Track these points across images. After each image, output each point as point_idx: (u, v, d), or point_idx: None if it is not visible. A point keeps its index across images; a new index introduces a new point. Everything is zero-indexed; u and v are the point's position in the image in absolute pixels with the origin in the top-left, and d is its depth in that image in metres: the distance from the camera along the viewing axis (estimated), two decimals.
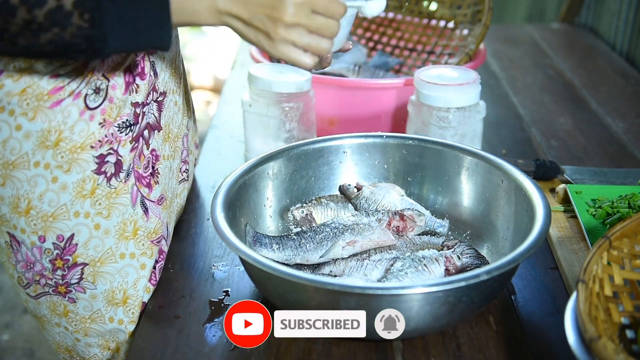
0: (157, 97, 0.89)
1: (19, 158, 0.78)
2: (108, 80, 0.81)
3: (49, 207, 0.80)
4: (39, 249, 0.82)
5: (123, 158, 0.84)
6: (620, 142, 1.30)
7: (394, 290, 0.73)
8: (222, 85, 2.05)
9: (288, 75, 1.12)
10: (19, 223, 0.81)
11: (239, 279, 0.92)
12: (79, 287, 0.85)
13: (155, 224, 0.90)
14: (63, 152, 0.79)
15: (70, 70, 0.77)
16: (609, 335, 0.66)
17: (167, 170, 0.93)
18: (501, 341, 0.81)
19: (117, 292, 0.86)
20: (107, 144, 0.82)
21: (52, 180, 0.80)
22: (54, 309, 0.86)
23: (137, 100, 0.84)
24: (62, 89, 0.77)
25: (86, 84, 0.79)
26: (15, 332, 2.19)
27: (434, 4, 1.47)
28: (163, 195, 0.92)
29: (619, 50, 1.78)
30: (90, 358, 0.90)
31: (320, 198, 1.01)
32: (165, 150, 0.93)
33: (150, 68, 0.86)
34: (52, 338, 0.90)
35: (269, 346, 0.80)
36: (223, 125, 1.40)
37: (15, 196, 0.79)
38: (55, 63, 0.76)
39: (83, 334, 0.87)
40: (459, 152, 0.98)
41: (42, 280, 0.84)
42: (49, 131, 0.78)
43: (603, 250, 0.72)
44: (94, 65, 0.79)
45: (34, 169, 0.79)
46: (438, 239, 0.93)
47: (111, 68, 0.80)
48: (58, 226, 0.81)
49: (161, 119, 0.91)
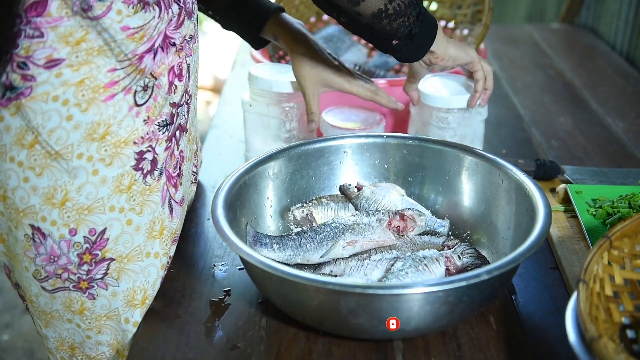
0: (187, 99, 0.91)
1: (63, 148, 0.79)
2: (155, 79, 0.82)
3: (86, 200, 0.81)
4: (68, 242, 0.82)
5: (158, 156, 0.85)
6: (620, 142, 1.30)
7: (395, 290, 0.73)
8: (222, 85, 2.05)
9: (288, 75, 1.12)
10: (51, 215, 0.80)
11: (240, 278, 0.93)
12: (102, 282, 0.85)
13: (177, 225, 0.91)
14: (107, 146, 0.80)
15: (126, 65, 0.79)
16: (609, 335, 0.66)
17: (187, 172, 0.94)
18: (501, 341, 0.81)
19: (138, 291, 0.86)
20: (147, 141, 0.83)
21: (93, 172, 0.80)
22: (70, 305, 0.86)
23: (174, 101, 0.86)
24: (117, 83, 0.79)
25: (137, 80, 0.80)
26: (15, 332, 2.19)
27: (434, 4, 1.47)
28: (184, 197, 0.93)
29: (619, 50, 1.78)
30: (96, 356, 0.89)
31: (320, 198, 1.01)
32: (187, 152, 0.94)
33: (187, 70, 0.88)
34: (56, 334, 0.89)
35: (269, 346, 0.81)
36: (223, 125, 1.40)
37: (52, 187, 0.80)
38: (114, 57, 0.77)
39: (96, 332, 0.87)
40: (460, 152, 0.98)
41: (64, 274, 0.84)
42: (98, 124, 0.79)
43: (603, 250, 0.72)
44: (146, 63, 0.80)
45: (77, 160, 0.79)
46: (438, 239, 0.93)
47: (158, 67, 0.82)
48: (92, 219, 0.82)
49: (188, 120, 0.92)
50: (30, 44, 0.75)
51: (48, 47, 0.75)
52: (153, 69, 0.82)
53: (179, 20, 0.85)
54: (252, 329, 0.84)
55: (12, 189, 0.80)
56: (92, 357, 0.89)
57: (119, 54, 0.78)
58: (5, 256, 0.87)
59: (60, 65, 0.76)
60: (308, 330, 0.82)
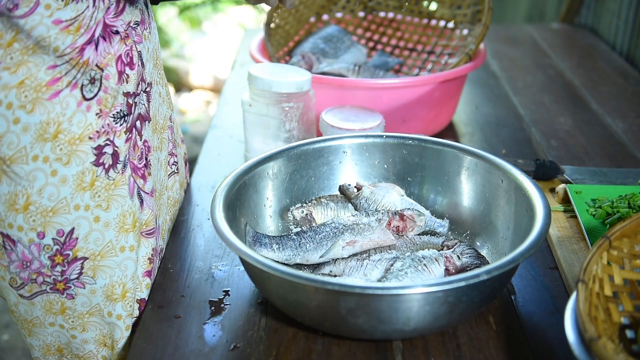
0: (145, 87, 0.89)
1: (16, 152, 0.77)
2: (102, 70, 0.80)
3: (48, 202, 0.80)
4: (37, 246, 0.81)
5: (119, 149, 0.84)
6: (620, 142, 1.30)
7: (394, 290, 0.73)
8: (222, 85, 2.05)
9: (288, 75, 1.12)
10: (16, 220, 0.80)
11: (239, 279, 0.93)
12: (79, 282, 0.84)
13: (148, 216, 0.89)
14: (62, 144, 0.79)
15: (67, 60, 0.77)
16: (608, 335, 0.66)
17: (156, 161, 0.93)
18: (501, 341, 0.81)
19: (116, 286, 0.86)
20: (104, 135, 0.81)
21: (52, 173, 0.79)
22: (50, 307, 0.85)
23: (128, 90, 0.84)
24: (59, 79, 0.77)
25: (82, 74, 0.79)
26: (15, 332, 2.19)
27: (434, 4, 1.47)
28: (155, 187, 0.92)
29: (619, 50, 1.78)
30: (84, 355, 0.89)
31: (320, 198, 1.01)
32: (154, 142, 0.92)
33: (138, 58, 0.86)
34: (40, 342, 0.88)
35: (269, 346, 0.81)
36: (223, 125, 1.40)
37: (12, 193, 0.79)
38: (52, 54, 0.76)
39: (81, 330, 0.87)
40: (459, 152, 0.98)
41: (39, 278, 0.83)
42: (47, 123, 0.77)
43: (603, 250, 0.72)
44: (88, 55, 0.79)
45: (33, 162, 0.78)
46: (438, 239, 0.93)
47: (104, 58, 0.80)
48: (58, 220, 0.81)
49: (150, 109, 0.91)
50: None
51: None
52: (98, 60, 0.80)
53: (119, 7, 0.82)
54: (251, 329, 0.84)
55: None
56: (80, 357, 0.89)
57: (57, 49, 0.76)
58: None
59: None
60: (307, 331, 0.83)
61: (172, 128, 1.03)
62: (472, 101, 1.49)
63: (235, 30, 4.19)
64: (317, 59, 1.34)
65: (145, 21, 0.90)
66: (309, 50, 1.39)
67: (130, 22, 0.85)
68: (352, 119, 1.13)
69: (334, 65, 1.34)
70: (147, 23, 0.90)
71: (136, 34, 0.86)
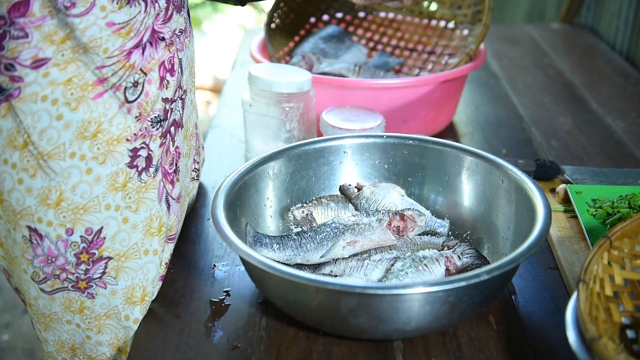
0: (181, 94, 0.91)
1: (55, 148, 0.78)
2: (145, 75, 0.82)
3: (81, 199, 0.81)
4: (65, 242, 0.82)
5: (153, 153, 0.85)
6: (620, 142, 1.30)
7: (395, 290, 0.73)
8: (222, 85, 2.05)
9: (288, 75, 1.12)
10: (46, 215, 0.80)
11: (240, 279, 0.93)
12: (101, 281, 0.84)
13: (173, 222, 0.90)
14: (100, 144, 0.80)
15: (114, 62, 0.79)
16: (609, 335, 0.66)
17: (184, 168, 0.94)
18: (502, 341, 0.81)
19: (137, 289, 0.86)
20: (140, 138, 0.83)
21: (87, 171, 0.80)
22: (69, 305, 0.86)
23: (167, 96, 0.86)
24: (105, 80, 0.78)
25: (127, 77, 0.80)
26: (15, 332, 2.19)
27: (434, 4, 1.47)
28: (181, 194, 0.93)
29: (619, 50, 1.78)
30: (97, 357, 0.89)
31: (320, 198, 1.01)
32: (184, 148, 0.94)
33: (179, 65, 0.88)
34: (56, 337, 0.89)
35: (269, 346, 0.81)
36: (223, 125, 1.40)
37: (46, 188, 0.79)
38: (102, 54, 0.77)
39: (96, 331, 0.87)
40: (460, 152, 0.98)
41: (62, 274, 0.84)
42: (89, 122, 0.79)
43: (603, 250, 0.72)
44: (135, 59, 0.80)
45: (70, 159, 0.79)
46: (438, 239, 0.93)
47: (148, 62, 0.82)
48: (88, 219, 0.81)
49: (183, 116, 0.92)
50: (15, 45, 0.74)
51: (33, 47, 0.75)
52: (143, 64, 0.81)
53: (167, 14, 0.84)
54: (252, 329, 0.84)
55: (8, 191, 0.80)
56: (92, 358, 0.89)
57: (106, 50, 0.78)
58: (4, 260, 0.87)
59: (47, 64, 0.76)
60: (308, 330, 0.83)
61: (197, 135, 1.05)
62: (473, 101, 1.49)
63: (235, 30, 4.20)
64: (317, 59, 1.35)
65: (187, 30, 0.91)
66: (309, 51, 1.39)
67: (176, 30, 0.86)
68: (352, 119, 1.13)
69: (334, 66, 1.34)
70: (188, 32, 0.92)
71: (179, 42, 0.88)
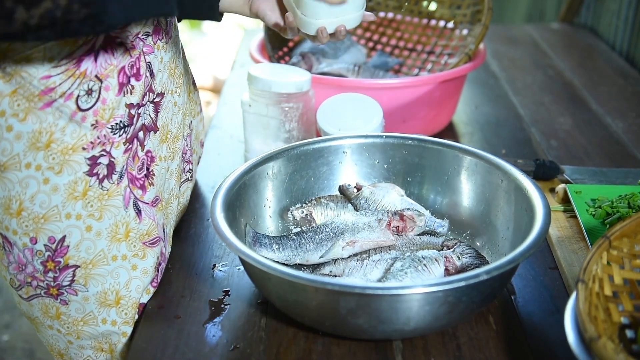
0: (153, 98, 0.89)
1: (10, 159, 0.78)
2: (101, 82, 0.80)
3: (40, 209, 0.80)
4: (31, 251, 0.82)
5: (116, 160, 0.84)
6: (620, 142, 1.30)
7: (394, 290, 0.73)
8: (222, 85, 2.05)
9: (288, 75, 1.12)
10: (11, 224, 0.81)
11: (239, 279, 0.93)
12: (71, 289, 0.85)
13: (149, 226, 0.89)
14: (54, 154, 0.79)
15: (62, 71, 0.77)
16: (608, 335, 0.66)
17: (164, 171, 0.93)
18: (501, 341, 0.81)
19: (109, 293, 0.86)
20: (99, 146, 0.81)
21: (44, 181, 0.80)
22: (46, 311, 0.86)
23: (131, 102, 0.84)
24: (53, 90, 0.77)
25: (78, 85, 0.78)
26: (15, 332, 2.19)
27: (433, 4, 1.47)
28: (158, 197, 0.91)
29: (619, 50, 1.78)
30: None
31: (320, 198, 1.01)
32: (163, 152, 0.92)
33: (147, 69, 0.86)
34: (45, 340, 0.90)
35: (269, 346, 0.81)
36: (223, 125, 1.40)
37: (7, 197, 0.80)
38: (47, 64, 0.76)
39: (76, 337, 0.87)
40: (459, 152, 0.98)
41: (33, 282, 0.84)
42: (40, 132, 0.78)
43: (603, 250, 0.72)
44: (86, 66, 0.79)
45: (25, 170, 0.79)
46: (438, 239, 0.93)
47: (104, 69, 0.80)
48: (49, 228, 0.81)
49: (158, 120, 0.91)
50: None
51: None
52: (98, 71, 0.79)
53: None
54: (251, 329, 0.84)
55: None
56: None
57: (51, 59, 0.76)
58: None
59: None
60: (308, 331, 0.83)
61: (192, 135, 1.03)
62: (472, 101, 1.49)
63: (235, 30, 4.19)
64: (316, 59, 1.35)
65: (161, 31, 0.89)
66: (308, 51, 1.39)
67: (139, 34, 0.84)
68: (349, 121, 1.13)
69: (334, 66, 1.34)
70: (162, 33, 0.89)
71: (145, 45, 0.86)
